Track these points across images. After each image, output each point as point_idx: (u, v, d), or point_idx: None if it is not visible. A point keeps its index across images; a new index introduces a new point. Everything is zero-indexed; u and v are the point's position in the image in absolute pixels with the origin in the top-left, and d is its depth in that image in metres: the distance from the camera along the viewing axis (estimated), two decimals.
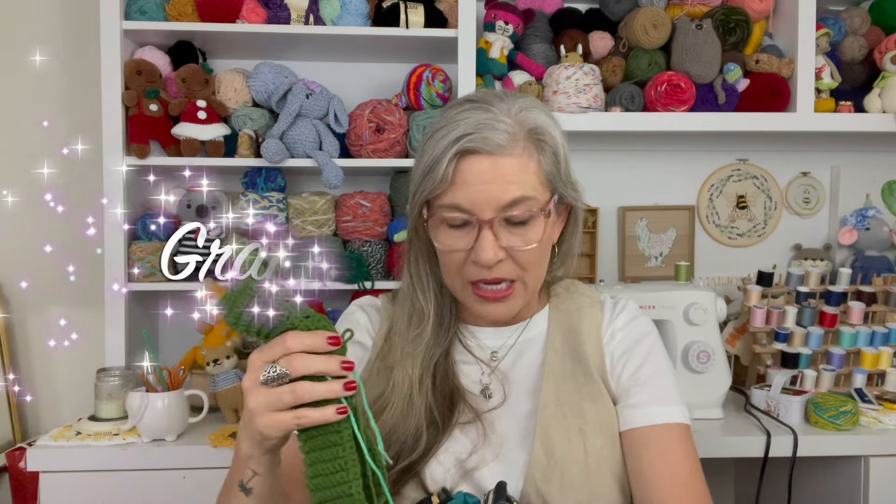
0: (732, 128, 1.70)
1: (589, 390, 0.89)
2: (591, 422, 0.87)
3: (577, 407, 0.88)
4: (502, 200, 0.81)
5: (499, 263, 0.83)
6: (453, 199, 0.82)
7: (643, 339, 0.94)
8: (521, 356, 0.94)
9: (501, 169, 0.81)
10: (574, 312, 0.96)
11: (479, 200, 0.81)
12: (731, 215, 1.98)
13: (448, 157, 0.81)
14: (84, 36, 1.77)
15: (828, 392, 1.55)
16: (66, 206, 1.86)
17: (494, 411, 0.89)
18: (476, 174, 0.81)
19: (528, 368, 0.93)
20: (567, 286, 1.00)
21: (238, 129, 1.67)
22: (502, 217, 0.82)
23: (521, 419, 0.89)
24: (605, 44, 1.76)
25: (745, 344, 1.70)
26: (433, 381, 0.89)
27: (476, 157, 0.81)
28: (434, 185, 0.82)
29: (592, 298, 0.98)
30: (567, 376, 0.90)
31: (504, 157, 0.81)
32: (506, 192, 0.81)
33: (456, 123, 0.82)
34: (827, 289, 1.63)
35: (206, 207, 1.65)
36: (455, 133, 0.81)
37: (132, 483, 1.35)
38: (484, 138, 0.81)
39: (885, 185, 1.98)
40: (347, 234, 1.69)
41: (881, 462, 1.40)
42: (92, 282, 1.78)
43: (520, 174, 0.82)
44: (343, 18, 1.65)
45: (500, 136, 0.81)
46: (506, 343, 0.95)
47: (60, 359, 1.84)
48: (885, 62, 1.75)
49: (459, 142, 0.81)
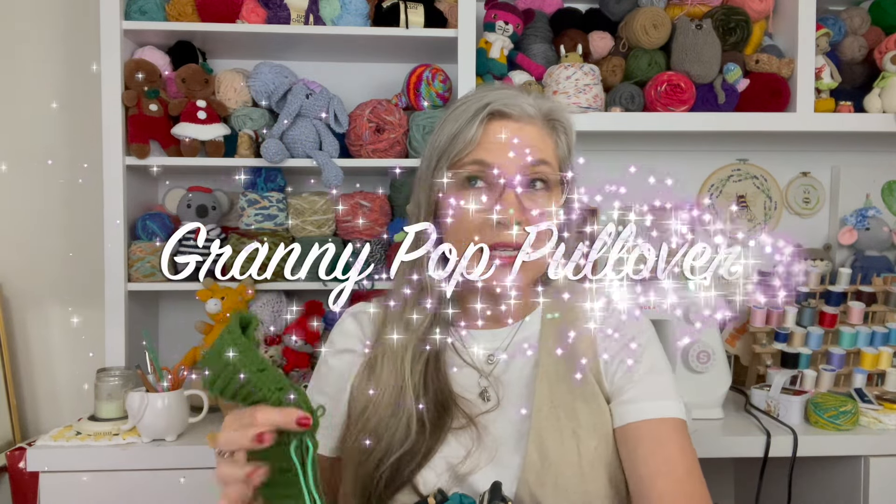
0: (732, 128, 1.70)
1: (582, 391, 0.89)
2: (585, 423, 0.87)
3: (571, 408, 0.87)
4: (527, 160, 0.86)
5: (517, 227, 0.84)
6: (480, 156, 0.86)
7: (638, 336, 0.93)
8: (514, 358, 0.94)
9: (528, 134, 0.88)
10: (566, 313, 0.95)
11: (504, 159, 0.86)
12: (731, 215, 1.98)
13: (479, 118, 0.86)
14: (84, 36, 1.78)
15: (828, 392, 1.55)
16: (67, 206, 1.88)
17: (488, 414, 0.89)
18: (505, 134, 0.86)
19: (522, 370, 0.93)
20: (561, 287, 0.98)
21: (238, 129, 1.67)
22: (525, 179, 0.86)
23: (515, 422, 0.89)
24: (605, 44, 1.76)
25: (745, 344, 1.70)
26: (424, 384, 0.89)
27: (505, 121, 0.87)
28: (462, 145, 0.86)
29: (588, 300, 0.97)
30: (560, 377, 0.90)
31: (530, 125, 0.88)
32: (530, 153, 0.86)
33: (482, 95, 0.89)
34: (827, 289, 1.63)
35: (206, 207, 1.65)
36: (484, 101, 0.87)
37: (132, 483, 1.35)
38: (514, 104, 0.87)
39: (885, 185, 1.98)
40: (347, 234, 1.69)
41: (881, 462, 1.40)
42: (92, 282, 1.78)
43: (542, 142, 0.89)
44: (343, 18, 1.65)
45: (528, 107, 0.88)
46: (500, 346, 0.95)
47: (60, 359, 1.84)
48: (885, 62, 1.75)
49: (490, 105, 0.87)
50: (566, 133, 0.93)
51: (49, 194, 1.82)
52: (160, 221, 1.67)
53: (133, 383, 1.48)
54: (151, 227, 1.65)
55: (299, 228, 1.67)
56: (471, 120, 0.86)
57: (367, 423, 0.87)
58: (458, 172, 0.87)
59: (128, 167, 1.62)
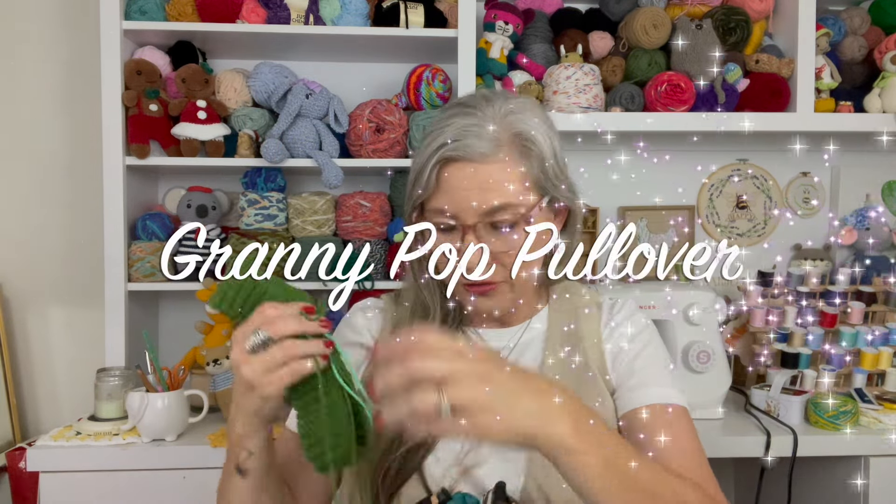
0: (732, 128, 1.70)
1: (588, 389, 0.90)
2: None
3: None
4: (484, 207, 0.82)
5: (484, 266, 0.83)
6: (438, 203, 0.84)
7: (639, 333, 0.95)
8: (522, 356, 0.95)
9: (483, 176, 0.82)
10: (572, 312, 0.97)
11: (462, 206, 0.82)
12: (731, 215, 1.98)
13: (431, 164, 0.83)
14: (84, 36, 1.78)
15: (828, 392, 1.55)
16: (67, 206, 1.88)
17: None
18: (458, 180, 0.82)
19: (530, 366, 0.93)
20: (566, 287, 1.01)
21: (238, 129, 1.67)
22: (485, 222, 0.83)
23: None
24: (605, 44, 1.76)
25: (745, 344, 1.70)
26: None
27: (458, 164, 0.82)
28: (421, 190, 0.84)
29: (591, 300, 0.99)
30: (566, 376, 0.91)
31: (486, 164, 0.82)
32: (487, 199, 0.82)
33: (442, 130, 0.84)
34: (827, 289, 1.63)
35: (206, 207, 1.65)
36: (440, 140, 0.83)
37: (132, 483, 1.35)
38: (466, 145, 0.82)
39: (885, 185, 1.98)
40: (347, 234, 1.69)
41: (881, 462, 1.39)
42: (92, 282, 1.78)
43: (502, 181, 0.82)
44: (343, 18, 1.65)
45: (483, 144, 0.82)
46: (507, 344, 0.96)
47: (60, 359, 1.84)
48: (885, 62, 1.75)
49: (441, 149, 0.82)
50: (540, 155, 0.85)
51: (49, 194, 1.82)
52: (160, 221, 1.67)
53: (133, 383, 1.48)
54: (151, 227, 1.65)
55: (299, 228, 1.67)
56: (426, 163, 0.83)
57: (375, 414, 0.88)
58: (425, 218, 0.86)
59: (128, 167, 1.62)
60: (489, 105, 0.85)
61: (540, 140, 0.85)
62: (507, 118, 0.84)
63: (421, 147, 0.86)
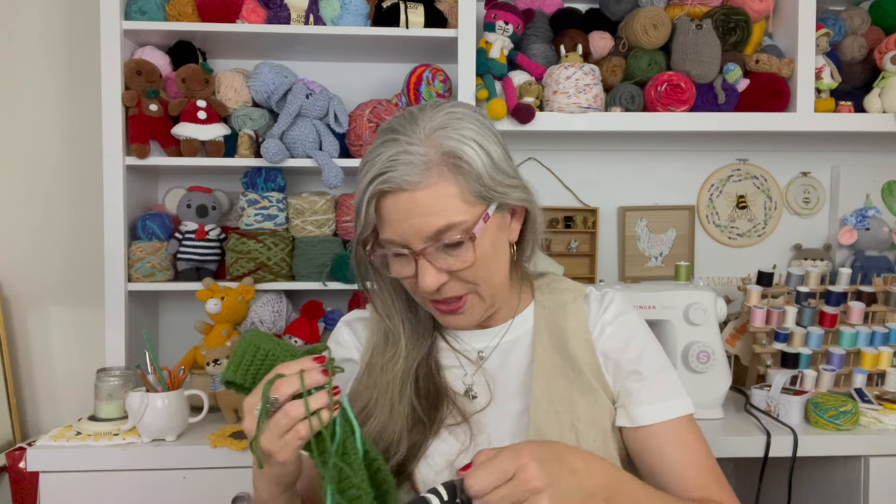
0: (732, 128, 1.70)
1: (580, 385, 0.90)
2: (583, 417, 0.88)
3: (569, 402, 0.89)
4: (426, 232, 0.81)
5: (444, 286, 0.84)
6: (386, 235, 0.83)
7: (636, 334, 0.94)
8: (509, 355, 0.95)
9: (419, 203, 0.80)
10: (559, 309, 0.96)
11: (406, 234, 0.82)
12: (731, 215, 1.98)
13: (366, 199, 0.82)
14: (84, 36, 1.78)
15: (828, 392, 1.55)
16: (67, 206, 1.88)
17: (483, 412, 0.91)
18: (396, 211, 0.81)
19: (517, 367, 0.93)
20: (549, 281, 1.00)
21: (238, 129, 1.67)
22: (434, 245, 0.82)
23: (511, 418, 0.90)
24: (605, 44, 1.76)
25: (745, 344, 1.70)
26: (416, 382, 0.91)
27: (393, 196, 0.81)
28: (363, 225, 0.84)
29: (576, 293, 0.98)
30: (557, 373, 0.91)
31: (419, 190, 0.80)
32: (429, 224, 0.81)
33: (372, 162, 0.82)
34: (827, 289, 1.62)
35: (206, 207, 1.65)
36: (371, 173, 0.82)
37: (132, 483, 1.35)
38: (395, 177, 0.80)
39: (885, 185, 1.98)
40: (347, 234, 1.69)
41: (881, 462, 1.39)
42: (92, 282, 1.78)
43: (439, 203, 0.81)
44: (343, 18, 1.65)
45: (412, 172, 0.80)
46: (489, 344, 0.96)
47: (60, 359, 1.84)
48: (885, 62, 1.75)
49: (373, 184, 0.81)
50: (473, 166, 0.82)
51: (49, 194, 1.82)
52: (160, 221, 1.67)
53: (133, 383, 1.48)
54: (151, 227, 1.65)
55: (299, 228, 1.67)
56: (362, 197, 0.83)
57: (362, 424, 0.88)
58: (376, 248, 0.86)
59: (128, 167, 1.62)
60: (414, 125, 0.83)
61: (471, 154, 0.82)
62: (433, 136, 0.82)
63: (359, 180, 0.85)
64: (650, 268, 1.96)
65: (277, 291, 1.71)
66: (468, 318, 0.89)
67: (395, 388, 0.90)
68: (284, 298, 1.72)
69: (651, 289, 1.55)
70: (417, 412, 0.89)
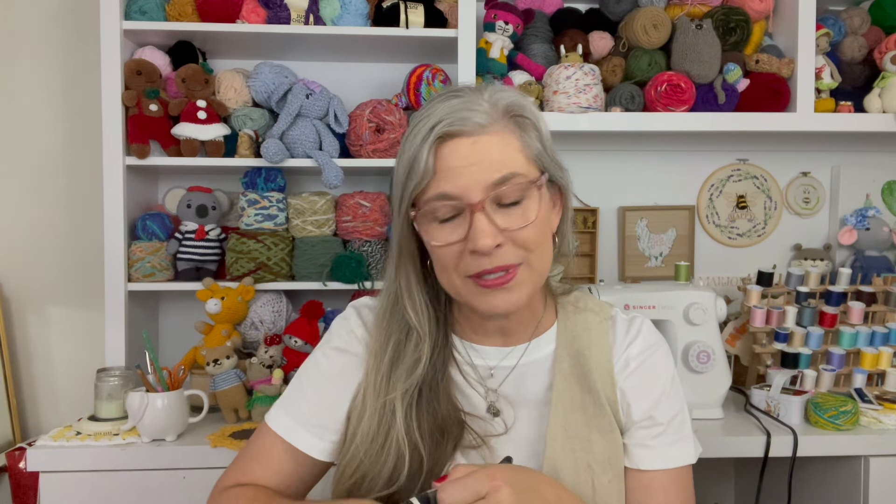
0: (732, 128, 1.70)
1: (598, 422, 0.86)
2: (600, 457, 0.85)
3: (586, 440, 0.85)
4: (490, 180, 0.76)
5: (498, 249, 0.77)
6: (439, 188, 0.77)
7: (658, 379, 0.89)
8: (525, 379, 0.89)
9: (484, 148, 0.77)
10: (583, 332, 0.90)
11: (466, 184, 0.76)
12: (731, 215, 1.98)
13: (427, 146, 0.77)
14: (84, 36, 1.78)
15: (828, 392, 1.55)
16: (67, 206, 1.88)
17: (500, 437, 0.86)
18: (458, 157, 0.77)
19: (534, 393, 0.88)
20: (576, 300, 0.94)
21: (238, 129, 1.67)
22: (493, 198, 0.77)
23: (524, 445, 0.87)
24: (605, 44, 1.76)
25: (745, 344, 1.70)
26: (419, 411, 0.84)
27: (456, 141, 0.77)
28: (418, 178, 0.78)
29: (602, 315, 0.92)
30: (576, 405, 0.86)
31: (485, 135, 0.77)
32: (492, 171, 0.77)
33: (429, 115, 0.79)
34: (827, 289, 1.62)
35: (206, 207, 1.65)
36: (430, 123, 0.78)
37: (132, 483, 1.35)
38: (461, 119, 0.77)
39: (885, 185, 1.98)
40: (347, 234, 1.69)
41: (881, 462, 1.39)
42: (92, 282, 1.78)
43: (504, 151, 0.78)
44: (343, 18, 1.65)
45: (478, 116, 0.78)
46: (506, 364, 0.89)
47: (60, 359, 1.84)
48: (885, 62, 1.75)
49: (436, 128, 0.77)
50: (535, 126, 0.81)
51: (49, 194, 1.82)
52: (160, 221, 1.67)
53: (133, 383, 1.48)
54: (151, 227, 1.65)
55: (299, 228, 1.67)
56: (420, 148, 0.77)
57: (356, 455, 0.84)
58: (423, 209, 0.79)
59: (128, 167, 1.62)
60: (478, 91, 0.82)
61: (533, 112, 0.82)
62: (496, 95, 0.81)
63: (406, 142, 0.81)
64: (650, 268, 1.96)
65: (277, 291, 1.71)
66: (517, 295, 0.80)
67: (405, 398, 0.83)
68: (284, 298, 1.72)
69: (651, 289, 1.55)
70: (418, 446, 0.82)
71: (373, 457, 0.83)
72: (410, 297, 0.86)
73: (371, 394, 0.86)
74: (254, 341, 1.69)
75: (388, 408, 0.84)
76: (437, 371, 0.87)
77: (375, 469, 0.83)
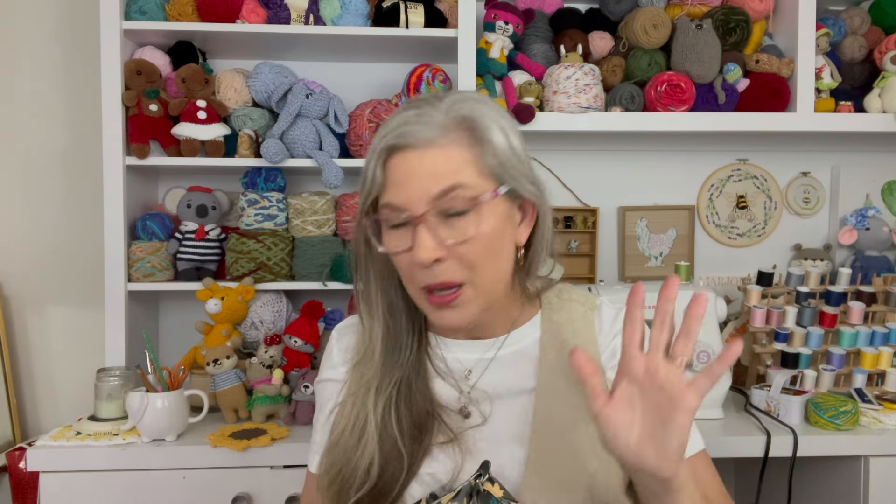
0: (732, 128, 1.70)
1: (584, 411, 0.83)
2: (586, 445, 0.83)
3: (572, 429, 0.84)
4: (432, 192, 0.77)
5: (439, 264, 0.78)
6: (387, 198, 0.80)
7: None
8: (506, 370, 0.89)
9: (429, 161, 0.78)
10: (567, 324, 0.90)
11: (410, 195, 0.78)
12: (731, 215, 1.98)
13: (376, 157, 0.80)
14: (84, 36, 1.78)
15: (828, 392, 1.55)
16: (67, 206, 1.88)
17: (478, 429, 0.86)
18: (404, 170, 0.78)
19: (517, 383, 0.88)
20: (559, 292, 0.94)
21: (238, 129, 1.67)
22: (437, 210, 0.77)
23: (509, 437, 0.85)
24: (605, 44, 1.76)
25: (745, 344, 1.70)
26: (397, 408, 0.85)
27: (403, 154, 0.78)
28: (368, 188, 0.81)
29: (587, 305, 0.93)
30: (561, 395, 0.86)
31: (431, 148, 0.78)
32: (435, 184, 0.77)
33: (385, 127, 0.81)
34: (827, 289, 1.63)
35: (206, 207, 1.65)
36: (381, 134, 0.81)
37: (132, 483, 1.35)
38: (409, 132, 0.78)
39: (885, 185, 1.98)
40: (347, 234, 1.69)
41: (881, 462, 1.39)
42: (92, 282, 1.78)
43: (450, 165, 0.78)
44: (343, 18, 1.65)
45: (427, 130, 0.78)
46: (483, 357, 0.90)
47: (60, 359, 1.84)
48: (885, 62, 1.75)
49: (384, 139, 0.79)
50: (491, 138, 0.80)
51: (49, 194, 1.82)
52: (160, 221, 1.67)
53: (133, 383, 1.48)
54: (151, 227, 1.65)
55: (299, 228, 1.67)
56: (370, 158, 0.80)
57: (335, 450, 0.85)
58: (375, 218, 0.81)
59: (128, 167, 1.62)
60: (438, 100, 0.82)
61: (490, 126, 0.80)
62: (455, 106, 0.80)
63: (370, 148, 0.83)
64: (650, 268, 1.96)
65: (277, 291, 1.71)
66: (461, 313, 0.81)
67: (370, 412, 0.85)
68: (284, 298, 1.72)
69: (651, 289, 1.55)
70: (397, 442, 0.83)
71: (349, 451, 0.84)
72: (367, 304, 0.89)
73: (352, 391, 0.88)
74: (254, 341, 1.69)
75: (366, 405, 0.86)
76: (414, 369, 0.88)
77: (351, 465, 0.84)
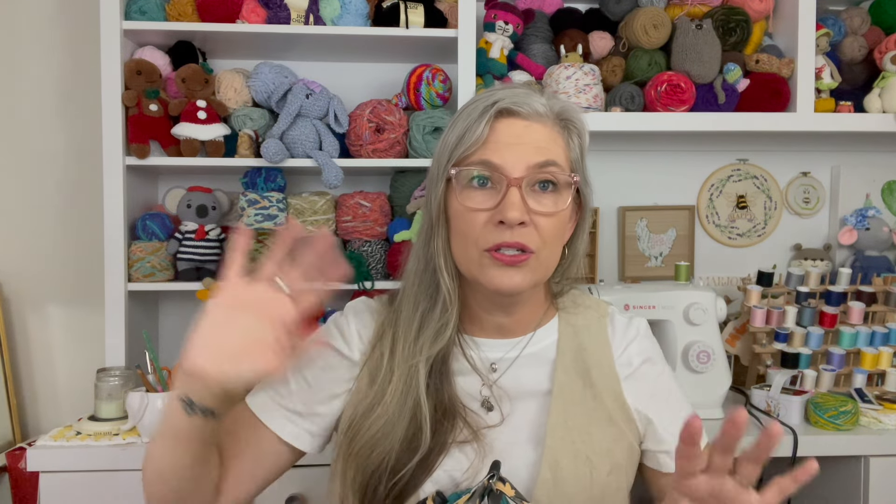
0: (732, 128, 1.70)
1: (597, 416, 0.88)
2: (599, 449, 0.86)
3: (585, 432, 0.87)
4: (533, 161, 0.82)
5: (522, 227, 0.81)
6: (485, 155, 0.83)
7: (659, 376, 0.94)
8: (525, 370, 0.91)
9: (535, 133, 0.84)
10: (583, 329, 0.93)
11: (510, 159, 0.82)
12: (731, 215, 1.98)
13: (486, 117, 0.83)
14: (84, 36, 1.78)
15: (828, 392, 1.55)
16: (67, 206, 1.88)
17: (495, 428, 0.87)
18: (510, 134, 0.83)
19: (535, 384, 0.90)
20: (574, 298, 0.97)
21: (238, 129, 1.67)
22: (530, 180, 0.83)
23: (524, 438, 0.87)
24: (605, 44, 1.76)
25: (745, 344, 1.70)
26: (427, 391, 0.85)
27: (512, 119, 0.84)
28: (469, 143, 0.83)
29: (600, 312, 0.96)
30: (576, 399, 0.88)
31: (538, 122, 0.85)
32: (537, 154, 0.83)
33: (493, 94, 0.85)
34: (827, 289, 1.63)
35: (206, 207, 1.65)
36: (493, 98, 0.84)
37: (132, 483, 1.35)
38: (523, 102, 0.84)
39: (885, 185, 1.98)
40: (347, 234, 1.70)
41: (881, 462, 1.40)
42: (92, 282, 1.78)
43: (551, 143, 0.85)
44: (343, 18, 1.65)
45: (538, 105, 0.85)
46: (507, 356, 0.91)
47: (60, 359, 1.84)
48: (885, 62, 1.75)
49: (498, 103, 0.84)
50: (579, 135, 0.88)
51: (49, 194, 1.82)
52: (160, 221, 1.67)
53: (133, 383, 1.48)
54: (151, 227, 1.65)
55: None
56: (478, 118, 0.83)
57: (370, 430, 0.84)
58: (464, 170, 0.84)
59: (128, 167, 1.62)
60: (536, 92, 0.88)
61: (579, 124, 0.89)
62: (552, 99, 0.88)
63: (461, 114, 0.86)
64: (650, 268, 1.96)
65: None
66: (523, 277, 0.83)
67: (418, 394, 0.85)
68: None
69: (651, 289, 1.55)
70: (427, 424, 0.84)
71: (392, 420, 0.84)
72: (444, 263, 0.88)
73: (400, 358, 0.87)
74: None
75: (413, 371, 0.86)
76: (445, 361, 0.88)
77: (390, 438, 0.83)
